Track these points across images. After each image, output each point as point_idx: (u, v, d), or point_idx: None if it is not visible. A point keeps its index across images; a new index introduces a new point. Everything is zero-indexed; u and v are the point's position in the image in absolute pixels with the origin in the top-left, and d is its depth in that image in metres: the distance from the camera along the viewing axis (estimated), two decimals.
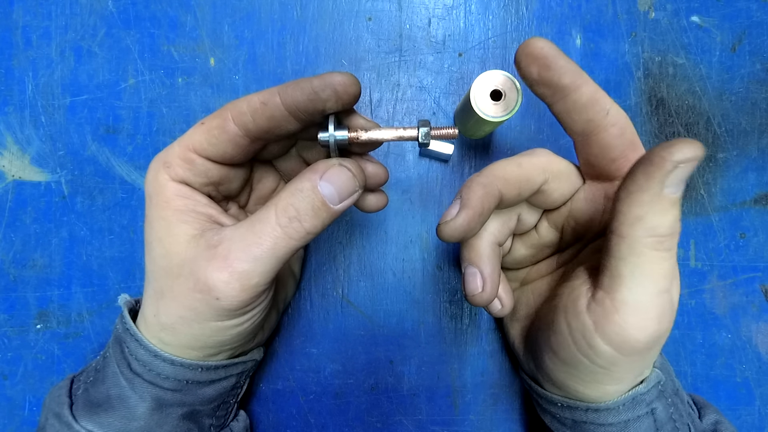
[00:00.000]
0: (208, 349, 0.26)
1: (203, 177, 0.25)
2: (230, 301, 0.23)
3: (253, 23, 0.37)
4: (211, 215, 0.25)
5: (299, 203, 0.23)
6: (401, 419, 0.36)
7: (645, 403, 0.25)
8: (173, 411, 0.26)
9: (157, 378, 0.26)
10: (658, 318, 0.21)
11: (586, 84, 0.24)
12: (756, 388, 0.36)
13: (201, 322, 0.24)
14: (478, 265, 0.27)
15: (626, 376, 0.24)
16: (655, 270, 0.21)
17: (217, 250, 0.23)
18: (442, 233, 0.24)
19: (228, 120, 0.24)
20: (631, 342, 0.22)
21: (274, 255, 0.23)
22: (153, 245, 0.25)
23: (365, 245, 0.37)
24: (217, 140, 0.24)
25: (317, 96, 0.22)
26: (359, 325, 0.36)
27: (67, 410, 0.26)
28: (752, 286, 0.37)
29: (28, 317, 0.36)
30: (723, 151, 0.37)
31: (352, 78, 0.22)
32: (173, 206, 0.24)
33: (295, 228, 0.23)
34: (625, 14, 0.38)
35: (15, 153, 0.36)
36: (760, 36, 0.38)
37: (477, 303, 0.27)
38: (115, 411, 0.25)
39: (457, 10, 0.38)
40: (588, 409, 0.26)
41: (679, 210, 0.20)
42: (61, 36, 0.37)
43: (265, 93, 0.23)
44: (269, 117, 0.23)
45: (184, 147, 0.24)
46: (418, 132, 0.25)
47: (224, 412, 0.30)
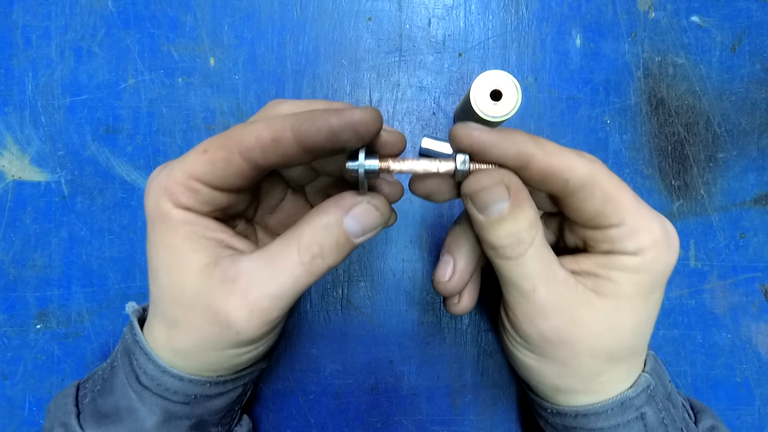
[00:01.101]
0: (222, 371, 0.26)
1: (209, 205, 0.23)
2: (250, 334, 0.23)
3: (253, 23, 0.37)
4: (222, 240, 0.24)
5: (324, 240, 0.23)
6: (401, 419, 0.36)
7: (634, 408, 0.25)
8: (182, 423, 0.26)
9: (166, 392, 0.25)
10: (539, 314, 0.24)
11: (534, 160, 0.22)
12: (756, 388, 0.36)
13: (218, 350, 0.24)
14: (453, 255, 0.28)
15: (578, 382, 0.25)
16: (512, 275, 0.24)
17: (236, 286, 0.22)
18: (440, 292, 0.28)
19: (234, 154, 0.22)
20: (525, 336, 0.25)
21: (294, 291, 0.23)
22: (159, 273, 0.24)
23: (365, 245, 0.37)
24: (222, 173, 0.22)
25: (336, 137, 0.20)
26: (359, 325, 0.36)
27: (74, 420, 0.25)
28: (752, 286, 0.37)
29: (28, 317, 0.36)
30: (723, 151, 0.37)
31: (374, 114, 0.21)
32: (181, 234, 0.23)
33: (317, 265, 0.23)
34: (625, 14, 0.38)
35: (15, 153, 0.36)
36: (760, 36, 0.38)
37: (440, 291, 0.28)
38: (124, 423, 0.25)
39: (457, 10, 0.38)
40: (577, 415, 0.26)
41: (506, 225, 0.23)
42: (61, 36, 0.37)
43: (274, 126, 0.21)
44: (281, 154, 0.21)
45: (186, 175, 0.22)
46: (455, 165, 0.23)
47: (229, 419, 0.30)
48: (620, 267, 0.24)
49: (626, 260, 0.23)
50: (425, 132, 0.37)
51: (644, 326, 0.25)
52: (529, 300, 0.24)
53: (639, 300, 0.24)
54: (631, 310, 0.24)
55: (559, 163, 0.22)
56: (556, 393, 0.26)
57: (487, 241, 0.24)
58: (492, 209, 0.22)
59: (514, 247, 0.23)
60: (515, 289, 0.24)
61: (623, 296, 0.24)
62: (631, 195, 0.23)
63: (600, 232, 0.24)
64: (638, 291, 0.24)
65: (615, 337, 0.24)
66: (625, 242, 0.23)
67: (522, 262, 0.23)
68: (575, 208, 0.24)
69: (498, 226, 0.23)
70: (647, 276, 0.24)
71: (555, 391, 0.26)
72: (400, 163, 0.23)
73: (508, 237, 0.23)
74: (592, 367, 0.25)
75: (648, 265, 0.23)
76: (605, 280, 0.24)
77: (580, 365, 0.25)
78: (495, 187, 0.22)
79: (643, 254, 0.23)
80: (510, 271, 0.24)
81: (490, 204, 0.22)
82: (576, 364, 0.25)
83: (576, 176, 0.22)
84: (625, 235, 0.23)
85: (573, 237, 0.26)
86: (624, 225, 0.23)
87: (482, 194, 0.22)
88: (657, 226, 0.23)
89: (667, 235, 0.24)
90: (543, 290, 0.24)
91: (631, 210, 0.23)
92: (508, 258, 0.23)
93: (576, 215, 0.24)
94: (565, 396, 0.26)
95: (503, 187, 0.22)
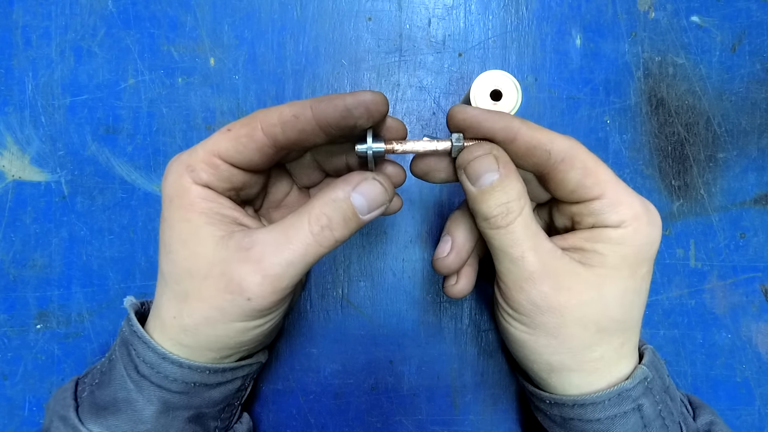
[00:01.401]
0: (227, 350, 0.26)
1: (227, 182, 0.25)
2: (261, 302, 0.24)
3: (253, 23, 0.37)
4: (236, 218, 0.26)
5: (332, 212, 0.24)
6: (401, 419, 0.36)
7: (631, 399, 0.26)
8: (180, 414, 0.26)
9: (165, 381, 0.25)
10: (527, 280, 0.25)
11: (519, 133, 0.25)
12: (756, 388, 0.36)
13: (226, 322, 0.25)
14: (452, 234, 0.30)
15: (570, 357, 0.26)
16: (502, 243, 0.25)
17: (250, 253, 0.24)
18: (437, 269, 0.30)
19: (257, 129, 0.24)
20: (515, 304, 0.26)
21: (304, 260, 0.24)
22: (174, 247, 0.25)
23: (365, 245, 0.37)
24: (244, 148, 0.24)
25: (350, 113, 0.23)
26: (359, 325, 0.36)
27: (72, 413, 0.26)
28: (752, 286, 0.37)
29: (28, 317, 0.36)
30: (723, 151, 0.37)
31: (382, 97, 0.24)
32: (198, 209, 0.25)
33: (326, 236, 0.24)
34: (625, 14, 0.38)
35: (15, 153, 0.36)
36: (760, 36, 0.38)
37: (439, 268, 0.30)
38: (122, 414, 0.25)
39: (457, 10, 0.38)
40: (574, 405, 0.26)
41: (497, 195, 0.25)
42: (61, 36, 0.37)
43: (296, 106, 0.24)
44: (300, 130, 0.24)
45: (209, 152, 0.25)
46: (452, 144, 0.26)
47: (229, 414, 0.30)
48: (604, 239, 0.25)
49: (609, 232, 0.25)
50: (425, 132, 0.37)
51: (631, 298, 0.26)
52: (519, 266, 0.25)
53: (625, 271, 0.25)
54: (617, 279, 0.26)
55: (541, 137, 0.25)
56: (551, 374, 0.27)
57: (480, 213, 0.26)
58: (483, 179, 0.25)
59: (504, 216, 0.25)
60: (505, 256, 0.26)
61: (608, 266, 0.25)
62: (610, 171, 0.26)
63: (583, 206, 0.26)
64: (623, 262, 0.25)
65: (601, 306, 0.25)
66: (607, 214, 0.25)
67: (511, 230, 0.25)
68: (559, 181, 0.26)
69: (489, 197, 0.25)
70: (631, 248, 0.25)
71: (549, 371, 0.27)
72: (404, 144, 0.26)
73: (498, 207, 0.25)
74: (583, 337, 0.25)
75: (630, 237, 0.25)
76: (591, 253, 0.26)
77: (570, 335, 0.25)
78: (485, 156, 0.25)
79: (624, 226, 0.25)
80: (500, 239, 0.25)
81: (481, 174, 0.25)
82: (566, 335, 0.25)
83: (556, 148, 0.25)
84: (606, 207, 0.25)
85: (562, 218, 0.28)
86: (604, 197, 0.25)
87: (474, 164, 0.25)
88: (637, 201, 0.26)
89: (647, 210, 0.26)
90: (531, 257, 0.25)
91: (610, 184, 0.25)
92: (498, 227, 0.25)
93: (560, 189, 0.26)
94: (559, 377, 0.27)
95: (492, 157, 0.25)
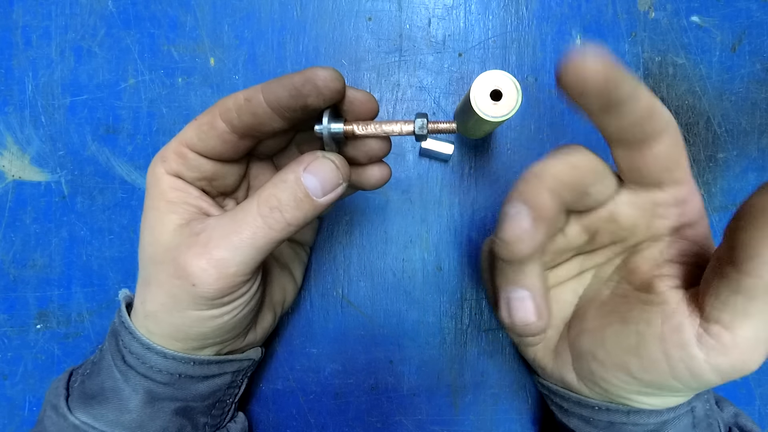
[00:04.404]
0: (191, 341, 0.26)
1: (196, 171, 0.25)
2: (206, 288, 0.23)
3: (253, 23, 0.37)
4: (201, 207, 0.26)
5: (281, 194, 0.23)
6: (401, 419, 0.36)
7: (686, 402, 0.25)
8: (166, 405, 0.26)
9: (150, 371, 0.26)
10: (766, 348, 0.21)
11: (643, 94, 0.20)
12: (756, 388, 0.36)
13: (180, 310, 0.24)
14: (530, 288, 0.24)
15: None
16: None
17: (199, 238, 0.24)
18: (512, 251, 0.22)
19: (216, 117, 0.24)
20: (743, 372, 0.21)
21: (253, 245, 0.23)
22: (144, 234, 0.26)
23: (365, 245, 0.37)
24: (206, 136, 0.24)
25: (298, 92, 0.22)
26: (359, 325, 0.36)
27: (63, 402, 0.26)
28: None
29: (28, 317, 0.36)
30: (723, 151, 0.37)
31: (334, 73, 0.22)
32: (166, 198, 0.25)
33: (275, 218, 0.23)
34: (625, 14, 0.38)
35: (15, 153, 0.36)
36: (760, 36, 0.38)
37: (527, 333, 0.24)
38: (109, 403, 0.26)
39: (457, 10, 0.38)
40: (630, 412, 0.25)
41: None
42: (61, 36, 0.37)
43: (250, 90, 0.23)
44: (252, 113, 0.23)
45: (179, 142, 0.25)
46: (414, 125, 0.24)
47: (220, 411, 0.30)
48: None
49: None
50: None
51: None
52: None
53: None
54: None
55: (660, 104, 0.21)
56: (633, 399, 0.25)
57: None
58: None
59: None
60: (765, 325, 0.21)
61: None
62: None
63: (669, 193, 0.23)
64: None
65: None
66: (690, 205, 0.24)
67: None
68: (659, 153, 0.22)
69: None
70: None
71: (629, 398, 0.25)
72: (365, 127, 0.24)
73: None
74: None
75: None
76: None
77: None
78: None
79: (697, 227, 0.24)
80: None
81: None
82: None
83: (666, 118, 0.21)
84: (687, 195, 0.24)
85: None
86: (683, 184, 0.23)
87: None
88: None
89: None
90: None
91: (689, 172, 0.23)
92: None
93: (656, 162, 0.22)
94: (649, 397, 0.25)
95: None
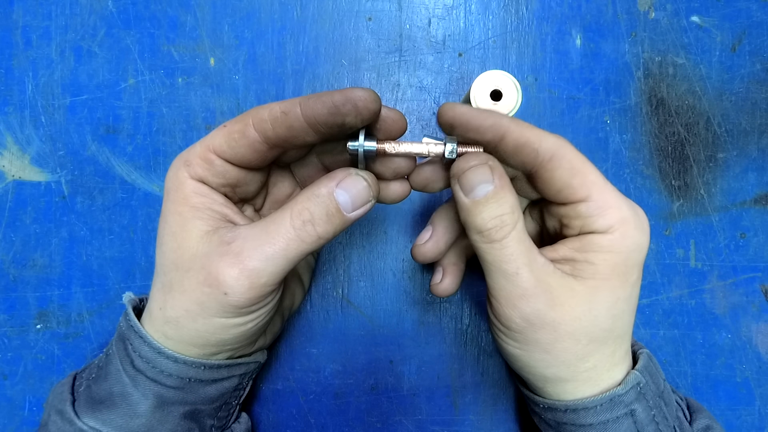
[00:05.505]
0: (209, 347, 0.26)
1: (221, 178, 0.25)
2: (238, 297, 0.24)
3: (253, 23, 0.37)
4: (226, 214, 0.26)
5: (314, 208, 0.24)
6: (401, 419, 0.36)
7: (624, 404, 0.26)
8: (175, 409, 0.26)
9: (160, 375, 0.26)
10: (521, 298, 0.24)
11: (509, 131, 0.25)
12: (756, 388, 0.36)
13: (206, 317, 0.25)
14: (434, 224, 0.30)
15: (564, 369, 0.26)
16: (496, 258, 0.25)
17: (230, 247, 0.24)
18: (413, 255, 0.30)
19: (249, 125, 0.24)
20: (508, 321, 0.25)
21: (285, 256, 0.24)
22: (165, 239, 0.25)
23: (365, 245, 0.37)
24: (236, 144, 0.24)
25: (338, 110, 0.23)
26: (359, 325, 0.36)
27: (69, 407, 0.26)
28: (752, 286, 0.37)
29: (28, 317, 0.36)
30: (723, 151, 0.37)
31: (373, 95, 0.23)
32: (190, 203, 0.25)
33: (308, 231, 0.24)
34: (625, 14, 0.38)
35: (15, 153, 0.36)
36: (760, 36, 0.38)
37: (414, 254, 0.29)
38: (118, 408, 0.25)
39: (457, 10, 0.38)
40: (567, 410, 0.26)
41: (491, 207, 0.24)
42: (61, 36, 0.37)
43: (287, 102, 0.24)
44: (288, 127, 0.24)
45: (205, 147, 0.25)
46: (444, 149, 0.25)
47: (226, 413, 0.30)
48: (594, 248, 0.25)
49: (598, 239, 0.25)
50: (425, 132, 0.37)
51: (622, 307, 0.26)
52: (513, 283, 0.25)
53: (615, 280, 0.25)
54: (608, 290, 0.25)
55: (530, 134, 0.25)
56: (546, 384, 0.27)
57: (473, 225, 0.25)
58: (478, 190, 0.24)
59: (498, 230, 0.24)
60: (498, 272, 0.25)
61: (600, 277, 0.25)
62: (598, 173, 0.25)
63: (570, 208, 0.26)
64: (614, 271, 0.25)
65: (593, 318, 0.25)
66: (594, 218, 0.25)
67: (505, 244, 0.25)
68: (546, 180, 0.25)
69: (483, 208, 0.24)
70: (620, 255, 0.25)
71: (544, 381, 0.27)
72: (396, 145, 0.25)
73: (493, 219, 0.24)
74: (575, 350, 0.25)
75: (619, 243, 0.25)
76: (582, 263, 0.25)
77: (564, 349, 0.25)
78: (481, 167, 0.24)
79: (612, 232, 0.25)
80: (494, 254, 0.25)
81: (476, 185, 0.24)
82: (559, 349, 0.25)
83: (545, 147, 0.25)
84: (593, 211, 0.25)
85: (551, 220, 0.28)
86: (591, 200, 0.25)
87: (469, 174, 0.25)
88: (624, 204, 0.25)
89: (635, 214, 0.25)
90: (525, 272, 0.25)
91: (597, 185, 0.25)
92: (492, 241, 0.25)
93: (547, 189, 0.26)
94: (554, 386, 0.27)
95: (488, 168, 0.25)
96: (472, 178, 0.24)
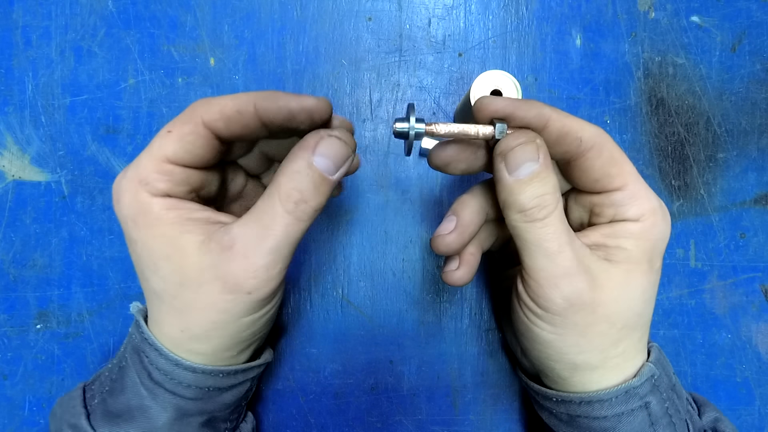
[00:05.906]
0: (242, 344, 0.26)
1: (185, 185, 0.24)
2: (261, 293, 0.24)
3: (253, 23, 0.37)
4: (209, 217, 0.25)
5: (301, 185, 0.23)
6: (401, 419, 0.36)
7: (638, 397, 0.26)
8: (194, 420, 0.26)
9: (179, 387, 0.25)
10: (564, 277, 0.24)
11: (552, 120, 0.25)
12: (756, 388, 0.36)
13: (235, 321, 0.25)
14: (458, 213, 0.28)
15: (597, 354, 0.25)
16: (539, 237, 0.24)
17: (234, 251, 0.23)
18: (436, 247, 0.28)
19: (199, 125, 0.23)
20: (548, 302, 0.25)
21: (287, 241, 0.24)
22: (159, 265, 0.24)
23: (365, 245, 0.37)
24: (192, 146, 0.24)
25: (293, 117, 0.24)
26: (359, 325, 0.36)
27: (84, 420, 0.25)
28: (752, 286, 0.37)
29: (28, 317, 0.36)
30: (723, 151, 0.37)
31: (327, 104, 0.24)
32: (167, 221, 0.24)
33: (303, 210, 0.24)
34: (625, 14, 0.38)
35: (15, 153, 0.36)
36: (760, 36, 0.38)
37: (438, 245, 0.28)
38: (136, 421, 0.25)
39: (457, 10, 0.38)
40: (581, 402, 0.26)
41: (535, 186, 0.24)
42: (61, 36, 0.37)
43: (239, 100, 0.23)
44: (243, 126, 0.24)
45: (158, 159, 0.23)
46: (495, 130, 0.25)
47: (237, 414, 0.30)
48: (626, 234, 0.25)
49: (630, 226, 0.25)
50: None
51: (651, 292, 0.26)
52: (555, 262, 0.24)
53: (645, 265, 0.26)
54: (641, 274, 0.25)
55: (573, 123, 0.25)
56: (574, 372, 0.26)
57: (516, 204, 0.24)
58: (523, 168, 0.24)
59: (540, 209, 0.24)
60: (539, 251, 0.24)
61: (633, 261, 0.25)
62: (632, 165, 0.26)
63: (605, 197, 0.26)
64: (644, 256, 0.25)
65: (629, 302, 0.25)
66: (628, 206, 0.25)
67: (548, 223, 0.24)
68: (585, 169, 0.26)
69: (527, 187, 0.24)
70: (649, 243, 0.25)
71: (572, 370, 0.26)
72: (445, 126, 0.25)
73: (536, 198, 0.24)
74: (610, 334, 0.25)
75: (649, 231, 0.25)
76: (615, 249, 0.26)
77: (599, 333, 0.25)
78: (528, 144, 0.24)
79: (643, 220, 0.25)
80: (536, 233, 0.24)
81: (522, 163, 0.24)
82: (595, 332, 0.25)
83: (587, 135, 0.25)
84: (627, 199, 0.25)
85: (579, 210, 0.28)
86: (626, 189, 0.25)
87: (516, 152, 0.24)
88: (653, 195, 0.26)
89: (661, 205, 0.26)
90: (568, 251, 0.24)
91: (632, 176, 0.26)
92: (534, 220, 0.24)
93: (584, 177, 0.26)
94: (582, 375, 0.26)
95: (535, 146, 0.24)
96: (519, 156, 0.24)
